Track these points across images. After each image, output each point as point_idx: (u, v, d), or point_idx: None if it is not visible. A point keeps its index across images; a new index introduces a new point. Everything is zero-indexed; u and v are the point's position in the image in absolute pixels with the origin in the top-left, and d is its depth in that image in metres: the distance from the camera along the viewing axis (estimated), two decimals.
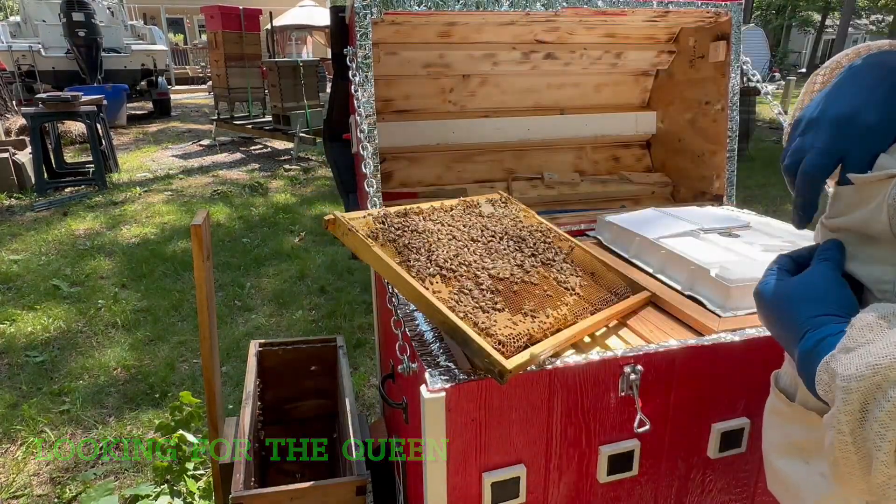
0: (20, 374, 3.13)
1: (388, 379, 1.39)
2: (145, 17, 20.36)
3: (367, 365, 3.22)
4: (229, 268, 4.56)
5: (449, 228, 1.29)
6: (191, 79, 20.13)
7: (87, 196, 6.43)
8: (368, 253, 1.11)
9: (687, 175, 2.06)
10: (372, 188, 1.41)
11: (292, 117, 8.49)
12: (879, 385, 0.52)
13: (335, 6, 1.62)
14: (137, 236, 5.27)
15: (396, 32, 1.74)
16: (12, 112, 8.14)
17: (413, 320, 1.26)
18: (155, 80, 12.20)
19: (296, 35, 18.75)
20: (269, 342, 1.98)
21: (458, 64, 1.94)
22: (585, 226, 1.82)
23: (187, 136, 10.34)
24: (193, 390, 2.90)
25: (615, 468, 1.15)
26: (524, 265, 1.24)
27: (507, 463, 1.09)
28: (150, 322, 3.71)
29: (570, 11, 1.59)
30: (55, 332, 3.57)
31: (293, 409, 2.04)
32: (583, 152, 2.20)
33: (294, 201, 6.44)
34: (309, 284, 4.28)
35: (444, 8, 1.46)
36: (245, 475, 1.45)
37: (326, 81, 12.20)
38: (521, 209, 1.50)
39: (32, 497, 2.32)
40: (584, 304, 1.20)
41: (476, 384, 1.01)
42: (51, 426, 2.72)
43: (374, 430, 1.71)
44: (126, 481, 2.38)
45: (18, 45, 10.97)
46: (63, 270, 4.47)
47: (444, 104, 2.03)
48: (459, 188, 2.01)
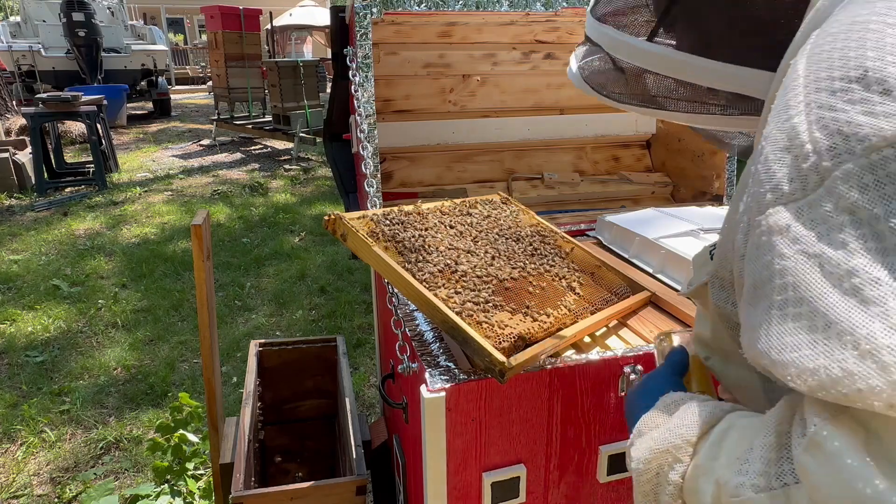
0: (20, 374, 3.13)
1: (388, 379, 1.39)
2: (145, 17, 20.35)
3: (367, 365, 3.22)
4: (229, 268, 4.56)
5: (449, 228, 1.29)
6: (191, 79, 20.12)
7: (87, 196, 6.43)
8: (368, 253, 1.11)
9: (687, 175, 2.06)
10: (372, 188, 1.41)
11: (292, 117, 8.48)
12: (661, 468, 0.58)
13: (335, 6, 1.62)
14: (137, 236, 5.27)
15: (396, 32, 1.74)
16: (12, 112, 8.14)
17: (413, 320, 1.26)
18: (155, 80, 12.19)
19: (296, 35, 18.74)
20: (269, 342, 1.98)
21: (458, 64, 1.94)
22: (585, 226, 1.82)
23: (187, 136, 10.34)
24: (193, 390, 2.91)
25: (615, 468, 1.15)
26: (524, 265, 1.24)
27: (507, 463, 1.09)
28: (150, 322, 3.71)
29: (570, 11, 1.59)
30: (55, 332, 3.57)
31: (293, 409, 2.04)
32: (583, 152, 2.20)
33: (294, 201, 6.44)
34: (309, 284, 4.28)
35: (444, 8, 1.46)
36: (245, 475, 1.45)
37: (326, 81, 12.19)
38: (521, 209, 1.50)
39: (32, 497, 2.32)
40: (584, 304, 1.20)
41: (476, 384, 1.01)
42: (51, 426, 2.72)
43: (374, 430, 1.71)
44: (126, 481, 2.38)
45: (18, 45, 10.97)
46: (63, 270, 4.47)
47: (444, 104, 2.03)
48: (459, 188, 2.01)
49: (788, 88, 0.49)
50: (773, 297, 0.46)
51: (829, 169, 0.43)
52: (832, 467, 0.41)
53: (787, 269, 0.44)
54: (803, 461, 0.43)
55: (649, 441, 0.60)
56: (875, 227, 0.40)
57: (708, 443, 0.55)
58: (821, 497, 0.42)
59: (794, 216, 0.45)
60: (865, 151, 0.41)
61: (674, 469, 0.57)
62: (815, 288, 0.42)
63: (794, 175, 0.46)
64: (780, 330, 0.44)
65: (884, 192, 0.40)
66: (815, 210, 0.44)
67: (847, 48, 0.45)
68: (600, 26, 0.75)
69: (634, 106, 0.78)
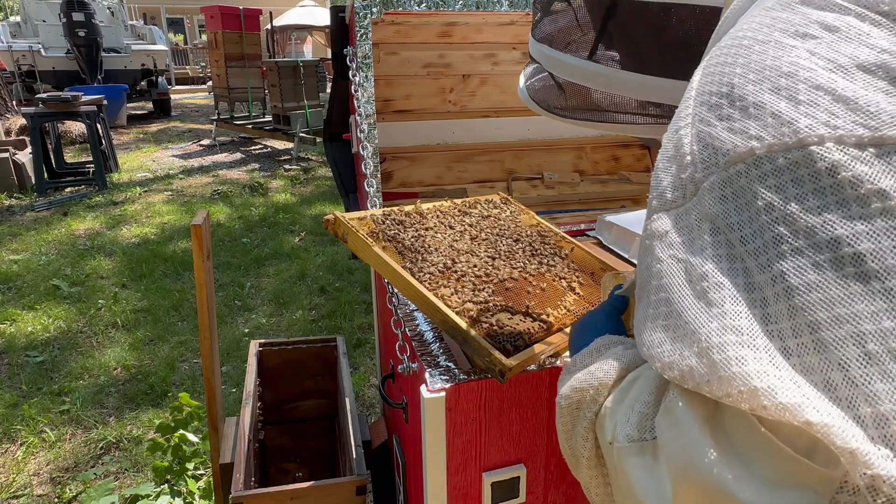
0: (20, 374, 3.13)
1: (388, 379, 1.39)
2: (145, 17, 20.35)
3: (367, 365, 3.22)
4: (229, 268, 4.56)
5: (449, 228, 1.29)
6: (191, 79, 20.11)
7: (87, 196, 6.43)
8: (368, 253, 1.11)
9: None
10: (372, 188, 1.41)
11: (292, 117, 8.48)
12: (579, 404, 0.63)
13: (335, 6, 1.62)
14: (137, 236, 5.27)
15: (396, 32, 1.74)
16: (12, 112, 8.14)
17: (413, 320, 1.26)
18: (155, 80, 12.19)
19: (296, 35, 18.74)
20: (269, 342, 1.98)
21: (458, 64, 1.94)
22: (585, 226, 1.82)
23: (187, 136, 10.34)
24: (193, 390, 2.91)
25: None
26: (524, 265, 1.24)
27: (507, 463, 1.09)
28: (150, 322, 3.71)
29: None
30: (55, 332, 3.57)
31: (293, 409, 2.04)
32: (583, 152, 2.20)
33: (294, 201, 6.44)
34: (309, 284, 4.28)
35: (444, 8, 1.46)
36: (245, 475, 1.45)
37: (326, 81, 12.19)
38: (521, 209, 1.50)
39: (32, 497, 2.32)
40: (585, 304, 1.20)
41: (476, 384, 1.01)
42: (51, 426, 2.72)
43: (374, 430, 1.71)
44: (126, 481, 2.38)
45: (18, 45, 10.96)
46: (63, 270, 4.47)
47: (444, 104, 2.03)
48: (459, 188, 2.01)
49: (683, 100, 0.51)
50: (651, 297, 0.50)
51: (701, 180, 0.46)
52: (677, 431, 0.47)
53: (662, 273, 0.49)
54: (659, 422, 0.50)
55: (574, 380, 0.65)
56: (727, 235, 0.44)
57: (619, 388, 0.60)
58: (665, 454, 0.49)
59: (672, 223, 0.49)
60: (725, 165, 0.45)
61: (590, 408, 0.62)
62: (677, 291, 0.47)
63: (676, 184, 0.49)
64: (652, 326, 0.49)
65: (737, 203, 0.44)
66: (687, 218, 0.48)
67: (724, 63, 0.48)
68: (539, 46, 0.81)
69: (573, 120, 0.83)
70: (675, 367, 0.46)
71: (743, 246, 0.43)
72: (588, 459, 0.63)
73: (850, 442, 0.36)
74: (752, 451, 0.42)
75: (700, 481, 0.45)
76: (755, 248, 0.42)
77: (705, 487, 0.44)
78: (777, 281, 0.41)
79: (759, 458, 0.42)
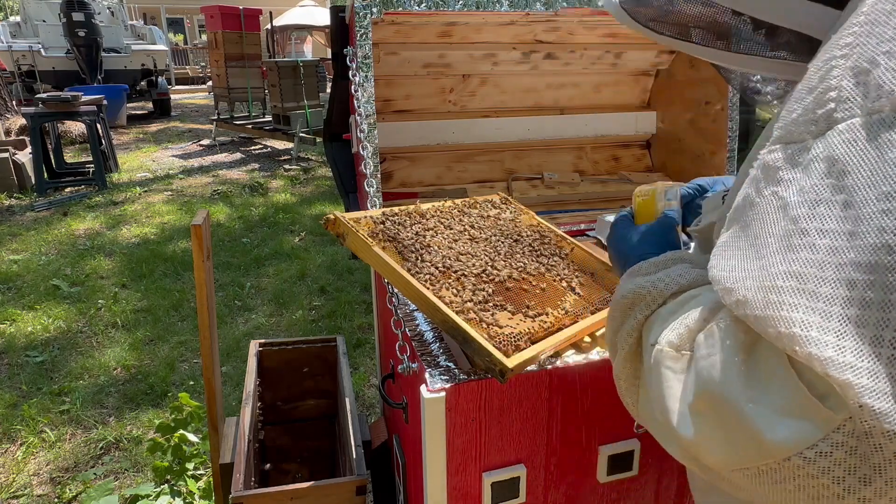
0: (20, 374, 3.13)
1: (388, 379, 1.39)
2: (145, 17, 20.35)
3: (367, 365, 3.22)
4: (229, 268, 4.56)
5: (449, 228, 1.29)
6: (191, 79, 20.11)
7: (87, 196, 6.43)
8: (368, 253, 1.11)
9: (687, 175, 2.06)
10: (372, 188, 1.41)
11: (292, 117, 8.47)
12: (633, 304, 0.67)
13: (335, 6, 1.62)
14: (137, 236, 5.27)
15: (396, 32, 1.73)
16: (12, 112, 8.14)
17: (413, 320, 1.26)
18: (155, 80, 12.18)
19: (296, 35, 18.73)
20: (269, 342, 1.98)
21: (458, 64, 1.94)
22: (585, 226, 1.82)
23: (187, 136, 10.34)
24: (193, 390, 2.91)
25: (615, 468, 1.15)
26: (524, 265, 1.24)
27: (507, 463, 1.09)
28: (150, 322, 3.71)
29: (570, 11, 1.59)
30: (55, 332, 3.57)
31: (293, 409, 2.04)
32: (583, 152, 2.20)
33: (294, 201, 6.44)
34: (309, 284, 4.28)
35: (444, 8, 1.46)
36: (245, 475, 1.45)
37: (326, 81, 12.19)
38: (521, 209, 1.50)
39: (32, 497, 2.32)
40: (585, 304, 1.20)
41: (476, 384, 1.01)
42: (51, 426, 2.72)
43: (374, 430, 1.71)
44: (126, 481, 2.38)
45: (18, 45, 10.96)
46: (63, 270, 4.47)
47: (444, 104, 2.03)
48: (459, 188, 2.01)
49: (845, 27, 0.47)
50: (740, 224, 0.51)
51: (837, 120, 0.44)
52: (713, 349, 0.51)
53: (757, 205, 0.49)
54: (699, 339, 0.54)
55: (638, 282, 0.69)
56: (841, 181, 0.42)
57: (676, 300, 0.63)
58: (696, 366, 0.53)
59: (786, 158, 0.48)
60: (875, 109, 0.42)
61: (642, 311, 0.66)
62: (767, 227, 0.47)
63: (807, 118, 0.47)
64: (731, 253, 0.51)
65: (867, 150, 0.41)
66: (803, 156, 0.46)
67: None
68: None
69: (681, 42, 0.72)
70: (735, 293, 0.48)
71: (853, 194, 0.41)
72: (626, 353, 0.67)
73: (875, 402, 0.38)
74: (772, 381, 0.46)
75: (718, 394, 0.49)
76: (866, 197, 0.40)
77: (721, 400, 0.49)
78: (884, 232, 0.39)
79: (777, 389, 0.45)
